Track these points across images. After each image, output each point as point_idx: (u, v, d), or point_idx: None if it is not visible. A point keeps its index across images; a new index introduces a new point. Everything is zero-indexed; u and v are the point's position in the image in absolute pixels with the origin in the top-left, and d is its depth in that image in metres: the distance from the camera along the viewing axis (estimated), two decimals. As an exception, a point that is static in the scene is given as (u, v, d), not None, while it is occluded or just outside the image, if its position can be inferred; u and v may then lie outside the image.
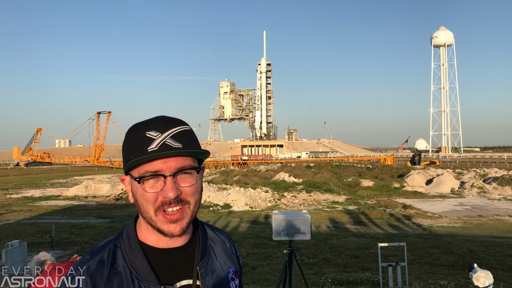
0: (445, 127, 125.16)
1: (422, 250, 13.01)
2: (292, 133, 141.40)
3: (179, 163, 1.11)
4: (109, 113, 77.86)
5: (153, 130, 1.11)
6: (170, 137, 1.10)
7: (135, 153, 1.09)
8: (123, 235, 1.20)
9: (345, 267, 11.04)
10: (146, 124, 1.13)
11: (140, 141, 1.10)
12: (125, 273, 1.12)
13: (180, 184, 1.11)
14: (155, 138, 1.09)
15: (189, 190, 1.13)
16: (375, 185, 34.67)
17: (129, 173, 1.15)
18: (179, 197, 1.10)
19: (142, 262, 1.13)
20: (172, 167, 1.09)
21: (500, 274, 9.47)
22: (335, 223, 20.13)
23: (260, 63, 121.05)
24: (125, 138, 1.16)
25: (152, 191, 1.09)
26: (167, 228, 1.11)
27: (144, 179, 1.09)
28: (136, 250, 1.15)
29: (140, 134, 1.11)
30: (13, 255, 9.49)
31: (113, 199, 30.15)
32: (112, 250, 1.16)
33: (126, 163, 1.12)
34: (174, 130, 1.12)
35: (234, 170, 53.10)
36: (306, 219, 4.96)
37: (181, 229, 1.12)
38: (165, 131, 1.11)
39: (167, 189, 1.08)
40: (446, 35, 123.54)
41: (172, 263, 1.18)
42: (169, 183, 1.09)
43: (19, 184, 45.05)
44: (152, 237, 1.17)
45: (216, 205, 25.16)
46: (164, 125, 1.12)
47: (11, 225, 19.42)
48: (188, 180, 1.13)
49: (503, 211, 22.49)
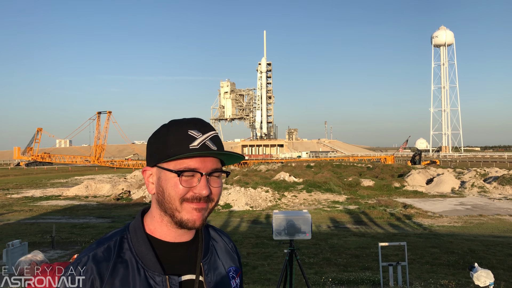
0: (446, 126, 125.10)
1: (422, 250, 13.01)
2: (292, 133, 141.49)
3: (214, 165, 1.19)
4: (110, 113, 77.89)
5: (195, 129, 1.18)
6: (210, 139, 1.18)
7: (175, 148, 1.15)
8: (129, 228, 1.24)
9: (345, 267, 11.04)
10: (187, 122, 1.20)
11: (183, 138, 1.16)
12: (131, 262, 1.16)
13: (211, 184, 1.19)
14: (197, 137, 1.17)
15: (217, 191, 1.20)
16: (376, 184, 34.66)
17: (158, 165, 1.18)
18: (209, 195, 1.17)
19: (148, 253, 1.17)
20: (208, 167, 1.17)
21: (500, 274, 9.47)
22: (335, 222, 20.12)
23: (261, 63, 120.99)
24: (162, 130, 1.21)
25: (186, 185, 1.15)
26: (191, 216, 1.16)
27: (182, 174, 1.14)
28: (142, 241, 1.19)
29: (183, 131, 1.17)
30: (14, 255, 9.49)
31: (114, 199, 30.15)
32: (119, 241, 1.20)
33: (163, 155, 1.16)
34: (211, 133, 1.20)
35: (235, 169, 53.10)
36: (306, 219, 4.96)
37: (202, 220, 1.18)
38: (205, 132, 1.19)
39: (202, 187, 1.15)
40: (446, 35, 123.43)
41: (178, 257, 1.22)
42: (204, 181, 1.15)
43: (20, 184, 45.06)
44: (163, 230, 1.21)
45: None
46: (204, 127, 1.20)
47: (11, 225, 19.43)
48: (217, 181, 1.21)
49: (504, 211, 22.47)
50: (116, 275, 1.13)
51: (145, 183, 1.23)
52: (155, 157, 1.19)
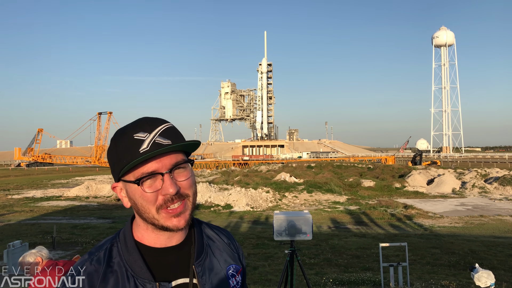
0: (446, 127, 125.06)
1: (423, 250, 12.99)
2: (293, 133, 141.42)
3: (173, 159, 1.12)
4: (110, 113, 77.99)
5: (141, 131, 1.11)
6: (159, 135, 1.12)
7: (127, 157, 1.09)
8: (119, 235, 1.22)
9: (346, 267, 11.03)
10: (131, 127, 1.14)
11: (130, 144, 1.10)
12: (121, 271, 1.14)
13: (177, 179, 1.13)
14: (144, 138, 1.10)
15: (186, 184, 1.15)
16: (376, 185, 34.62)
17: (121, 179, 1.15)
18: (179, 192, 1.12)
19: (137, 260, 1.15)
20: (167, 164, 1.11)
21: (501, 274, 9.45)
22: (336, 223, 20.11)
23: (261, 64, 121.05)
24: (112, 144, 1.16)
25: (151, 190, 1.11)
26: (171, 223, 1.13)
27: (142, 181, 1.10)
28: (132, 249, 1.17)
29: (128, 138, 1.11)
30: (15, 256, 9.49)
31: (114, 199, 30.15)
32: (108, 249, 1.18)
33: (119, 168, 1.11)
34: (161, 128, 1.14)
35: (235, 170, 53.09)
36: (307, 219, 4.96)
37: (185, 221, 1.15)
38: (152, 130, 1.12)
39: (167, 186, 1.10)
40: (447, 35, 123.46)
41: (168, 262, 1.19)
42: (167, 180, 1.10)
43: (21, 184, 45.08)
44: (150, 237, 1.18)
45: (217, 205, 25.15)
46: (150, 125, 1.13)
47: (12, 225, 19.43)
48: (183, 174, 1.15)
49: (505, 211, 22.44)
50: (106, 285, 1.11)
51: (120, 199, 1.20)
52: (115, 172, 1.15)
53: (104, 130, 77.50)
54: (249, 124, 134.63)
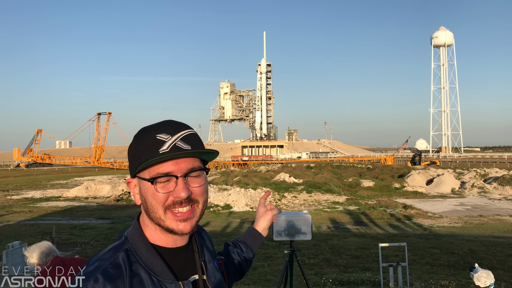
0: (445, 127, 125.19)
1: (423, 250, 13.00)
2: (292, 134, 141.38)
3: (190, 165, 1.15)
4: (109, 114, 77.96)
5: (164, 133, 1.15)
6: (180, 139, 1.15)
7: (146, 155, 1.12)
8: (129, 239, 1.21)
9: (345, 268, 11.03)
10: (155, 127, 1.17)
11: (152, 143, 1.13)
12: (144, 274, 1.14)
13: (190, 185, 1.16)
14: (166, 140, 1.13)
15: (198, 190, 1.17)
16: (376, 185, 34.65)
17: (137, 175, 1.18)
18: (189, 197, 1.14)
19: (158, 262, 1.17)
20: (183, 168, 1.14)
21: (501, 274, 9.46)
22: (335, 223, 20.11)
23: (260, 64, 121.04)
24: (134, 141, 1.19)
25: (163, 191, 1.13)
26: (177, 226, 1.15)
27: (156, 180, 1.13)
28: (150, 251, 1.18)
29: (151, 137, 1.14)
30: (14, 256, 9.48)
31: (114, 200, 30.14)
32: (125, 254, 1.16)
33: (137, 165, 1.15)
34: (183, 133, 1.17)
35: (235, 170, 53.10)
36: (307, 220, 4.95)
37: (191, 227, 1.17)
38: (175, 134, 1.15)
39: (179, 190, 1.13)
40: (446, 35, 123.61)
41: (180, 261, 1.23)
42: (181, 183, 1.13)
43: (20, 185, 45.04)
44: (160, 238, 1.20)
45: (216, 205, 25.15)
46: (174, 128, 1.16)
47: (11, 226, 19.42)
48: (197, 180, 1.18)
49: (504, 211, 22.46)
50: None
51: (132, 195, 1.22)
52: (132, 168, 1.18)
53: (103, 130, 77.50)
54: (248, 124, 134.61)
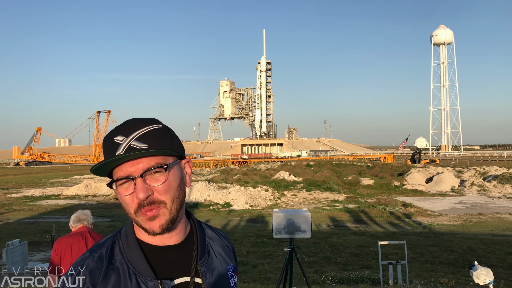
0: (445, 125, 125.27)
1: (422, 248, 13.01)
2: (292, 132, 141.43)
3: (146, 164, 1.12)
4: (109, 112, 77.97)
5: (120, 135, 1.13)
6: (135, 139, 1.12)
7: (105, 159, 1.12)
8: (121, 233, 1.23)
9: (345, 266, 11.05)
10: (115, 130, 1.16)
11: (110, 147, 1.13)
12: (123, 268, 1.14)
13: (152, 184, 1.12)
14: (121, 142, 1.12)
15: (160, 189, 1.13)
16: (375, 183, 34.68)
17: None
18: (150, 197, 1.11)
19: (139, 258, 1.16)
20: (140, 169, 1.11)
21: (500, 272, 9.48)
22: (335, 221, 20.13)
23: (260, 62, 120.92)
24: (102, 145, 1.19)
25: (127, 193, 1.12)
26: (148, 226, 1.13)
27: (117, 183, 1.12)
28: (133, 246, 1.18)
29: (110, 141, 1.14)
30: (14, 255, 9.49)
31: (113, 198, 30.14)
32: (110, 247, 1.19)
33: (92, 167, 1.15)
34: (140, 131, 1.14)
35: (234, 169, 53.13)
36: (306, 217, 4.96)
37: (160, 227, 1.13)
38: (130, 134, 1.13)
39: (137, 191, 1.10)
40: (446, 33, 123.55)
41: (170, 261, 1.19)
42: (138, 184, 1.10)
43: (19, 183, 45.05)
44: (146, 235, 1.19)
45: (216, 204, 25.17)
46: (130, 129, 1.14)
47: (11, 224, 19.43)
48: (159, 178, 1.13)
49: (503, 209, 22.49)
50: (108, 282, 1.12)
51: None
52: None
53: (103, 128, 77.55)
54: (248, 122, 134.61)
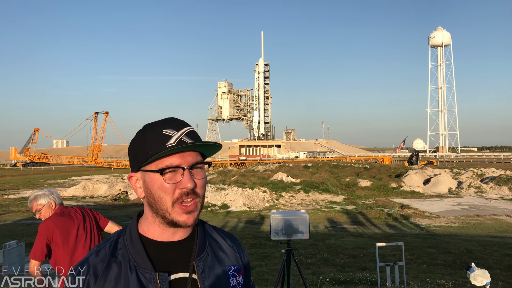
0: (443, 127, 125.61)
1: (419, 250, 13.03)
2: (290, 133, 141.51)
3: (194, 158, 1.22)
4: (107, 113, 77.73)
5: (169, 128, 1.21)
6: (185, 134, 1.22)
7: (154, 149, 1.18)
8: (126, 229, 1.31)
9: (343, 267, 11.05)
10: (161, 123, 1.24)
11: (159, 138, 1.19)
12: (124, 261, 1.22)
13: (195, 177, 1.22)
14: (172, 135, 1.20)
15: (201, 183, 1.24)
16: (373, 185, 34.72)
17: (141, 169, 1.23)
18: (194, 189, 1.21)
19: (140, 251, 1.22)
20: (189, 161, 1.21)
21: (497, 274, 9.50)
22: (333, 223, 20.15)
23: (258, 63, 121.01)
24: (139, 136, 1.24)
25: (171, 182, 1.18)
26: (182, 218, 1.20)
27: (165, 172, 1.18)
28: (135, 241, 1.25)
29: (157, 132, 1.21)
30: (11, 256, 9.47)
31: (111, 199, 30.08)
32: (114, 241, 1.27)
33: (144, 158, 1.20)
34: (187, 129, 1.24)
35: (232, 170, 53.04)
36: (304, 219, 4.97)
37: (194, 220, 1.22)
38: (180, 129, 1.22)
39: (186, 180, 1.19)
40: (443, 36, 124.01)
41: (170, 256, 1.25)
42: (187, 175, 1.19)
43: (17, 184, 44.90)
44: (155, 231, 1.26)
45: (214, 205, 25.14)
46: (178, 125, 1.24)
47: (8, 225, 19.36)
48: (200, 173, 1.24)
49: (500, 211, 22.54)
50: (109, 273, 1.19)
51: (133, 189, 1.28)
52: (137, 162, 1.23)
53: (101, 130, 77.27)
54: (246, 124, 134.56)
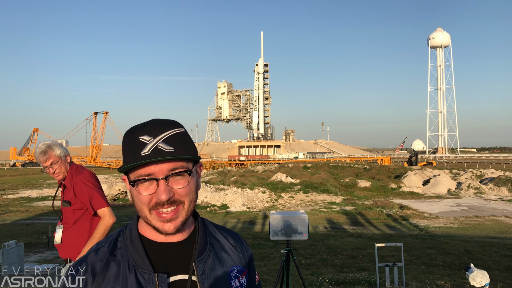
0: (442, 128, 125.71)
1: (419, 251, 13.03)
2: (289, 134, 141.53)
3: (171, 166, 1.14)
4: (106, 113, 77.69)
5: (146, 134, 1.14)
6: (162, 141, 1.14)
7: (129, 157, 1.14)
8: (126, 228, 1.28)
9: (342, 268, 11.05)
10: (140, 128, 1.17)
11: (134, 146, 1.14)
12: (123, 260, 1.19)
13: (173, 186, 1.15)
14: (148, 142, 1.13)
15: (181, 192, 1.16)
16: (372, 185, 34.72)
17: (127, 174, 1.20)
18: (172, 198, 1.14)
19: (139, 251, 1.20)
20: (164, 170, 1.13)
21: (496, 274, 9.50)
22: (332, 223, 20.15)
23: (258, 64, 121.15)
24: (122, 141, 1.20)
25: (146, 193, 1.14)
26: (161, 226, 1.16)
27: (138, 183, 1.14)
28: (135, 240, 1.22)
29: (134, 138, 1.15)
30: (10, 256, 9.45)
31: (110, 199, 30.06)
32: (114, 240, 1.25)
33: (122, 166, 1.17)
34: (166, 134, 1.16)
35: (232, 170, 53.03)
36: (303, 219, 4.97)
37: (175, 228, 1.17)
38: (157, 136, 1.14)
39: (160, 192, 1.12)
40: (443, 36, 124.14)
41: (170, 257, 1.22)
42: (161, 186, 1.13)
43: (16, 184, 44.86)
44: (151, 232, 1.23)
45: (213, 205, 25.14)
46: (157, 129, 1.15)
47: (7, 225, 19.34)
48: (180, 182, 1.16)
49: (500, 212, 22.56)
50: (108, 271, 1.17)
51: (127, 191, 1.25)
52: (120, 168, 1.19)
53: (100, 130, 77.22)
54: (245, 124, 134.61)
